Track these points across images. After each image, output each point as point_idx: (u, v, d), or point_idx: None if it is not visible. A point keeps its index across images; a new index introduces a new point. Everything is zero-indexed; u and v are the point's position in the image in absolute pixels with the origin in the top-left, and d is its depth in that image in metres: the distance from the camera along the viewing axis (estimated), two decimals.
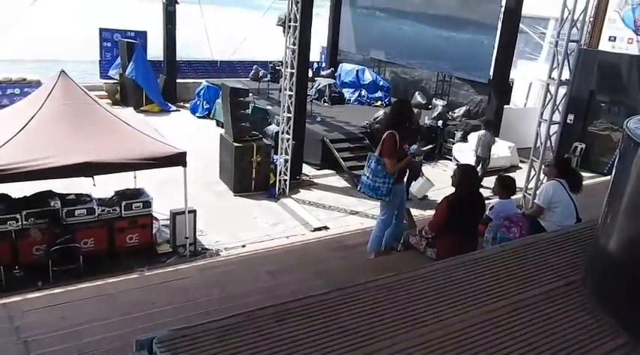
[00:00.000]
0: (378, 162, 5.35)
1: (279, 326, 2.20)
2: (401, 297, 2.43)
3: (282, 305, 2.32)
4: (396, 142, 5.28)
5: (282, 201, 10.49)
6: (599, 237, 2.81)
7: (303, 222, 9.58)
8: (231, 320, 2.23)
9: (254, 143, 10.70)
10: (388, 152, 5.30)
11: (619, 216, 2.72)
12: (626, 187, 2.67)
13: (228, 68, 18.69)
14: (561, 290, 2.63)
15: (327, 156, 12.29)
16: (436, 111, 14.61)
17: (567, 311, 2.48)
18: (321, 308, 2.34)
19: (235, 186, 10.64)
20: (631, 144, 2.64)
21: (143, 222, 8.04)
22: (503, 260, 2.91)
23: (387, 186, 5.36)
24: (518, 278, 2.71)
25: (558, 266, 2.85)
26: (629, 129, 2.75)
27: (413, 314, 2.33)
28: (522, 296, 2.54)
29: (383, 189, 5.39)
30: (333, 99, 15.92)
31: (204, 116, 15.96)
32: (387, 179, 5.35)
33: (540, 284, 2.68)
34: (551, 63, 9.43)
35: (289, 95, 10.56)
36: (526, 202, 9.42)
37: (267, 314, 2.27)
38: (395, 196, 5.47)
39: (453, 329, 2.27)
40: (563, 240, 3.26)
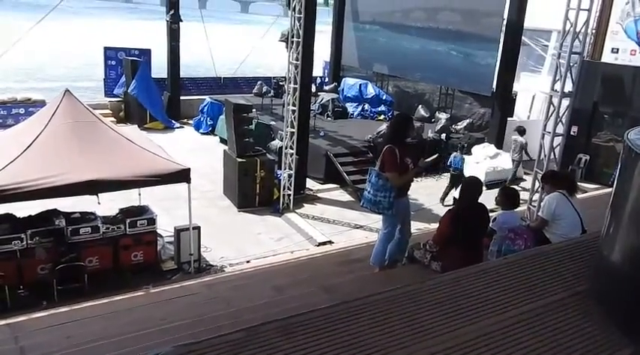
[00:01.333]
0: (378, 176, 5.38)
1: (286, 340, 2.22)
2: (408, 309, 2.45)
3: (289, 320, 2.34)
4: (396, 156, 5.30)
5: (286, 216, 10.51)
6: (603, 247, 2.83)
7: (308, 237, 9.59)
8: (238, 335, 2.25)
9: (258, 158, 10.75)
10: (390, 166, 5.33)
11: (621, 227, 2.75)
12: (628, 198, 2.70)
13: (231, 84, 18.84)
14: (568, 300, 2.64)
15: (331, 171, 12.33)
16: (439, 124, 14.65)
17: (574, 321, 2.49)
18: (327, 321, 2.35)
19: (239, 202, 10.67)
20: (632, 155, 2.67)
21: (147, 239, 8.06)
22: (509, 271, 2.93)
23: (387, 199, 5.38)
24: (524, 289, 2.73)
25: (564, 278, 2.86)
26: (629, 141, 2.79)
27: (421, 326, 2.34)
28: (530, 306, 2.55)
29: (384, 202, 5.40)
30: (336, 114, 16.01)
31: (207, 132, 16.08)
32: (387, 193, 5.36)
33: (547, 295, 2.70)
34: (554, 75, 9.48)
35: (292, 110, 10.63)
36: (530, 214, 9.41)
37: (273, 329, 2.29)
38: (397, 210, 5.48)
39: (462, 340, 2.28)
40: (567, 252, 3.28)
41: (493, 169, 12.82)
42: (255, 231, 9.78)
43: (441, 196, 11.61)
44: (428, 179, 12.85)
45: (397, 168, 5.31)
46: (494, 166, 12.91)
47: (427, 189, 12.27)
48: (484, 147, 13.45)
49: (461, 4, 14.92)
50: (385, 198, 5.37)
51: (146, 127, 15.60)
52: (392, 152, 5.32)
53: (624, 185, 2.77)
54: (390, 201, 5.38)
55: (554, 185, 5.76)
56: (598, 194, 10.60)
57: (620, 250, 2.72)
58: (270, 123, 14.25)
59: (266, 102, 16.46)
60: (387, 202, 5.39)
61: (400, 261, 5.67)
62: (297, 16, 10.24)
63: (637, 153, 2.64)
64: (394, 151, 5.31)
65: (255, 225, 10.08)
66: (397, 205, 5.45)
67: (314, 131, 13.58)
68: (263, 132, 13.44)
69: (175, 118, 16.85)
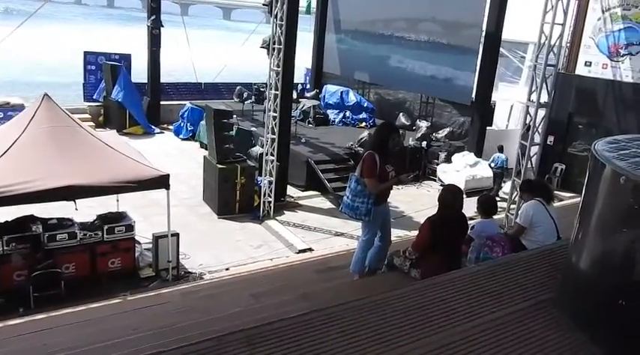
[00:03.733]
0: (357, 181, 5.41)
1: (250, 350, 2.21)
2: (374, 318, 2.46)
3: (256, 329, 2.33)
4: (376, 162, 5.33)
5: (266, 223, 10.49)
6: (571, 255, 2.91)
7: (288, 244, 9.59)
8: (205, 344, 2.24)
9: (238, 165, 10.73)
10: (368, 172, 5.35)
11: (589, 235, 2.83)
12: (595, 206, 2.79)
13: (212, 90, 18.79)
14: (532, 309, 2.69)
15: (312, 178, 12.35)
16: (420, 132, 14.81)
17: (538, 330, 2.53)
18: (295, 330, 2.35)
19: (219, 209, 10.63)
20: (598, 165, 2.77)
21: (125, 246, 8.00)
22: (478, 279, 2.97)
23: (365, 206, 5.40)
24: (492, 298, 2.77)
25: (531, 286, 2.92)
26: (596, 151, 2.89)
27: (386, 336, 2.35)
28: (494, 315, 2.58)
29: (362, 208, 5.41)
30: (317, 121, 16.06)
31: (188, 138, 16.02)
32: (365, 199, 5.38)
33: (513, 303, 2.74)
34: (530, 86, 9.70)
35: (273, 116, 10.65)
36: (508, 222, 9.56)
37: (238, 339, 2.28)
38: (376, 217, 5.50)
39: (425, 350, 2.30)
40: (537, 259, 3.34)
41: (472, 177, 13.00)
42: (234, 238, 9.75)
43: (493, 193, 11.87)
44: (409, 187, 12.95)
45: (376, 175, 5.34)
46: (474, 174, 13.08)
47: (408, 196, 12.36)
48: (464, 155, 13.63)
49: (441, 15, 15.15)
50: (363, 204, 5.40)
51: (125, 132, 15.48)
52: (372, 158, 5.35)
53: (591, 194, 2.86)
54: (367, 208, 5.40)
55: (531, 193, 5.87)
56: (573, 202, 10.82)
57: (587, 258, 2.80)
58: (250, 130, 14.25)
59: (247, 108, 16.45)
60: (365, 208, 5.41)
61: (380, 269, 5.67)
62: (279, 23, 10.29)
63: (602, 163, 2.73)
64: (374, 158, 5.34)
65: (235, 232, 10.04)
66: (376, 212, 5.47)
67: (295, 138, 13.61)
68: (244, 138, 13.42)
69: (155, 123, 16.74)
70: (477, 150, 13.86)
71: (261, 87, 17.48)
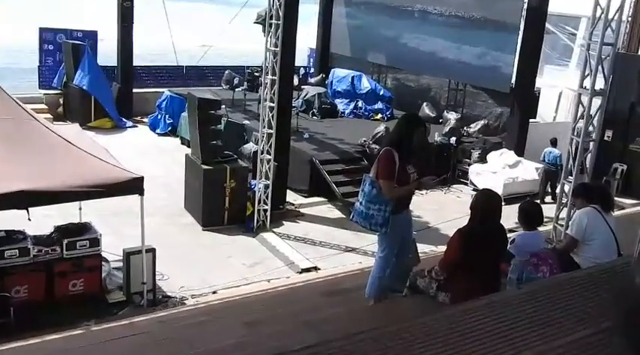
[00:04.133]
0: (372, 184, 5.39)
1: None
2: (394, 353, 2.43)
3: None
4: (394, 161, 5.30)
5: (261, 237, 10.51)
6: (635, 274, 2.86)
7: (288, 262, 9.60)
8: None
9: (227, 165, 10.75)
10: (384, 172, 5.32)
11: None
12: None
13: (195, 75, 18.85)
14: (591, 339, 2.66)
15: (317, 181, 12.37)
16: (448, 125, 14.78)
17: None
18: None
19: (204, 219, 10.65)
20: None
21: (90, 265, 8.00)
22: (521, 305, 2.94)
23: (382, 214, 5.36)
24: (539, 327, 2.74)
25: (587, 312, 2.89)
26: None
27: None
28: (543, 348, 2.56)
29: (378, 217, 5.38)
30: (323, 112, 16.09)
31: (166, 133, 16.09)
32: (382, 206, 5.35)
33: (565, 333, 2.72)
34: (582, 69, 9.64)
35: (270, 107, 10.67)
36: (557, 235, 9.51)
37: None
38: (395, 228, 5.47)
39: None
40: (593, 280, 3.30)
41: (512, 180, 12.95)
42: (223, 254, 9.78)
43: (539, 194, 11.82)
44: (434, 192, 12.92)
45: (393, 177, 5.31)
46: (514, 177, 13.03)
47: (433, 203, 12.31)
48: (502, 153, 13.59)
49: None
50: (379, 212, 5.36)
51: (90, 126, 15.51)
52: (389, 156, 5.32)
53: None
54: (384, 217, 5.36)
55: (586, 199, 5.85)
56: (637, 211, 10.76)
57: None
58: (242, 123, 14.28)
59: (238, 96, 16.48)
60: (382, 217, 5.37)
61: (401, 292, 5.66)
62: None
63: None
64: (392, 156, 5.31)
65: (224, 247, 10.07)
66: (394, 222, 5.44)
67: (296, 132, 13.59)
68: (234, 133, 13.44)
69: (127, 116, 16.80)
70: (518, 147, 13.80)
71: (255, 71, 17.48)
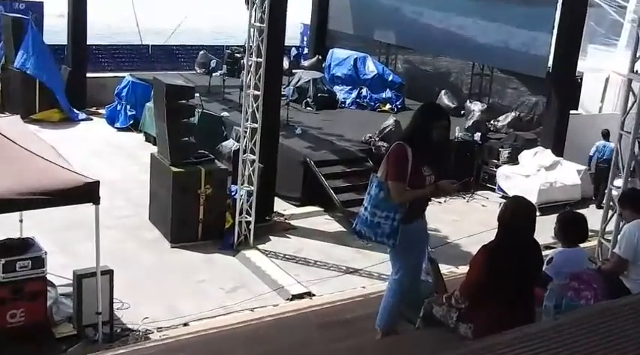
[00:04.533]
0: (379, 186, 5.42)
1: None
2: None
3: None
4: (406, 159, 5.33)
5: (243, 255, 10.46)
6: None
7: (276, 287, 9.56)
8: None
9: (202, 167, 10.71)
10: (393, 171, 5.35)
11: None
12: None
13: (163, 56, 18.84)
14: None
15: (312, 187, 12.34)
16: (471, 118, 14.82)
17: None
18: None
19: (173, 233, 10.61)
20: None
21: (32, 290, 7.90)
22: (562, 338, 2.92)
23: (390, 223, 5.37)
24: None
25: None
26: None
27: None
28: None
29: (384, 227, 5.38)
30: (319, 102, 16.08)
31: (127, 127, 16.08)
32: (391, 213, 5.36)
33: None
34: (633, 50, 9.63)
35: (255, 96, 10.63)
36: (603, 252, 9.50)
37: None
38: (406, 240, 5.46)
39: None
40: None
41: (550, 185, 12.99)
42: (196, 277, 9.74)
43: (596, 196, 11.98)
44: (455, 200, 12.90)
45: (404, 177, 5.34)
46: (552, 181, 13.08)
47: (453, 213, 12.33)
48: (536, 152, 13.64)
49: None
50: (387, 220, 5.38)
51: (35, 119, 15.49)
52: (401, 152, 5.36)
53: None
54: (392, 226, 5.37)
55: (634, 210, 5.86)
56: None
57: None
58: (221, 115, 14.28)
59: (215, 83, 16.49)
60: (389, 227, 5.38)
61: (414, 323, 5.64)
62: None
63: None
64: (405, 152, 5.35)
65: (198, 268, 10.03)
66: (405, 233, 5.44)
67: (287, 127, 13.57)
68: (211, 128, 13.44)
69: (79, 106, 16.77)
70: (556, 144, 13.86)
71: (236, 52, 17.47)
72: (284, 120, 13.49)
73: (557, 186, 13.05)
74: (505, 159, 13.87)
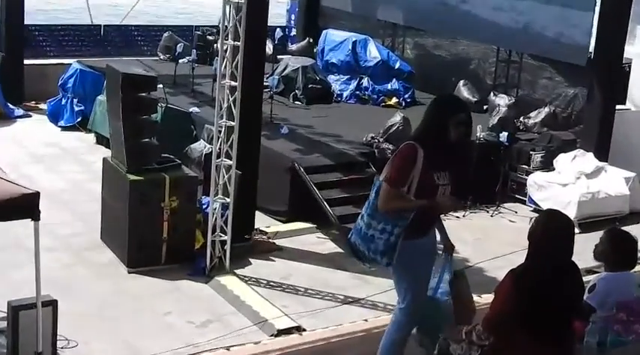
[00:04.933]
0: (379, 192, 5.55)
1: None
2: None
3: None
4: (413, 161, 5.43)
5: (217, 282, 10.46)
6: None
7: (258, 320, 9.54)
8: None
9: (166, 175, 10.70)
10: (392, 173, 5.46)
11: None
12: None
13: (119, 39, 18.84)
14: None
15: (301, 199, 12.39)
16: (496, 115, 14.89)
17: None
18: None
19: (131, 255, 10.57)
20: None
21: None
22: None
23: (386, 237, 5.45)
24: None
25: None
26: None
27: None
28: None
29: (379, 242, 5.48)
30: (310, 95, 16.17)
31: (74, 126, 16.12)
32: (388, 225, 5.45)
33: None
34: None
35: (231, 87, 10.63)
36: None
37: None
38: (408, 260, 5.54)
39: None
40: None
41: (592, 197, 13.06)
42: (160, 309, 9.73)
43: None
44: (476, 214, 12.93)
45: (402, 181, 5.43)
46: (594, 191, 13.13)
47: (474, 230, 12.39)
48: (576, 156, 13.71)
49: None
50: (382, 233, 5.47)
51: None
52: (408, 153, 5.47)
53: None
54: (388, 241, 5.45)
55: None
56: None
57: None
58: (190, 111, 14.32)
59: (183, 71, 16.53)
60: (384, 242, 5.47)
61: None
62: None
63: None
64: (413, 153, 5.46)
65: (161, 297, 10.03)
66: (407, 251, 5.51)
67: (271, 125, 13.62)
68: (177, 126, 13.50)
69: (15, 100, 16.81)
70: (599, 147, 13.96)
71: (208, 34, 17.50)
72: (267, 117, 13.53)
73: (601, 197, 13.12)
74: (537, 164, 13.95)
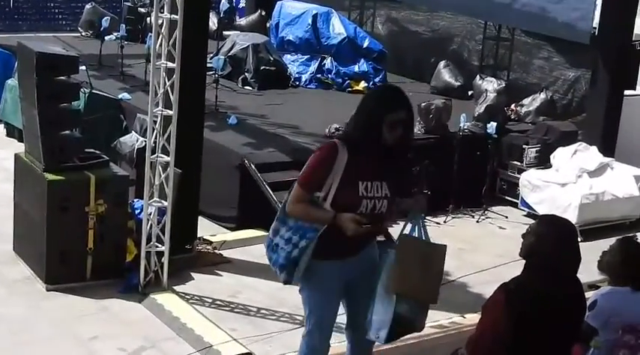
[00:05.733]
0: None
1: None
2: None
3: None
4: (331, 165, 5.49)
5: (153, 301, 10.48)
6: None
7: (202, 346, 9.55)
8: None
9: (91, 174, 10.67)
10: (304, 174, 5.59)
11: None
12: None
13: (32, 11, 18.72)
14: None
15: (253, 202, 12.44)
16: (484, 102, 14.98)
17: None
18: None
19: (50, 270, 10.54)
20: None
21: None
22: None
23: (289, 249, 5.53)
24: None
25: None
26: None
27: None
28: None
29: (281, 253, 5.61)
30: (263, 78, 16.29)
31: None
32: (295, 235, 5.53)
33: None
34: None
35: (168, 69, 10.66)
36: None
37: None
38: (315, 281, 5.64)
39: None
40: None
41: (596, 198, 13.17)
42: (85, 333, 9.71)
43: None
44: (460, 220, 13.20)
45: (315, 184, 5.52)
46: (599, 192, 13.26)
47: (458, 240, 12.43)
48: (577, 151, 13.84)
49: None
50: (288, 244, 5.57)
51: None
52: (326, 153, 5.61)
53: None
54: (291, 255, 5.53)
55: None
56: None
57: None
58: (118, 98, 14.36)
59: (110, 50, 16.56)
60: (285, 255, 5.57)
61: None
62: None
63: None
64: (332, 154, 5.54)
65: (87, 320, 10.01)
66: (314, 272, 5.58)
67: (216, 115, 13.75)
68: (104, 116, 13.52)
69: None
70: (604, 139, 14.17)
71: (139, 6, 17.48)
72: (212, 105, 13.67)
73: (606, 199, 13.25)
74: (532, 160, 14.09)
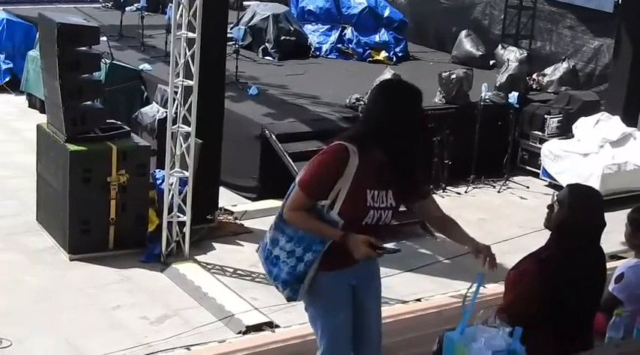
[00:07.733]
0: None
1: None
2: None
3: None
4: (338, 169, 4.94)
5: (175, 270, 10.51)
6: None
7: (224, 315, 9.59)
8: None
9: (113, 144, 10.69)
10: (307, 177, 5.08)
11: None
12: None
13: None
14: None
15: (273, 172, 12.40)
16: (505, 71, 14.93)
17: None
18: None
19: (73, 240, 10.58)
20: None
21: None
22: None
23: (292, 263, 5.06)
24: None
25: None
26: None
27: None
28: None
29: (283, 267, 5.09)
30: (284, 49, 16.28)
31: (0, 86, 16.17)
32: (299, 246, 5.06)
33: None
34: None
35: (189, 40, 10.69)
36: None
37: None
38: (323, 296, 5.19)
39: None
40: None
41: (618, 168, 13.19)
42: (108, 302, 9.74)
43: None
44: (480, 189, 13.24)
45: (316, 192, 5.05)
46: (621, 162, 13.27)
47: (479, 210, 12.57)
48: (599, 121, 13.79)
49: None
50: (290, 257, 5.07)
51: None
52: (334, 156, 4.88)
53: None
54: (295, 270, 5.06)
55: None
56: None
57: None
58: (140, 69, 14.38)
59: (130, 21, 16.52)
60: (289, 270, 5.06)
61: None
62: None
63: None
64: (342, 159, 4.93)
65: (109, 289, 10.04)
66: (324, 285, 5.15)
67: (236, 85, 13.72)
68: (125, 87, 13.56)
69: None
70: (627, 109, 14.12)
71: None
72: (232, 75, 13.65)
73: (629, 169, 13.24)
74: (554, 130, 14.06)
